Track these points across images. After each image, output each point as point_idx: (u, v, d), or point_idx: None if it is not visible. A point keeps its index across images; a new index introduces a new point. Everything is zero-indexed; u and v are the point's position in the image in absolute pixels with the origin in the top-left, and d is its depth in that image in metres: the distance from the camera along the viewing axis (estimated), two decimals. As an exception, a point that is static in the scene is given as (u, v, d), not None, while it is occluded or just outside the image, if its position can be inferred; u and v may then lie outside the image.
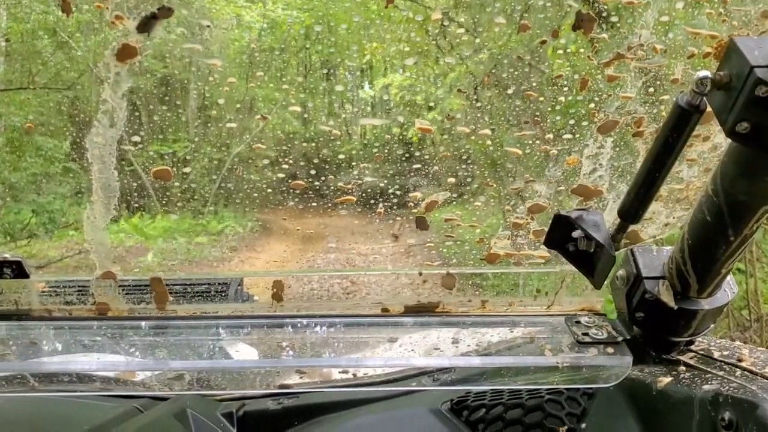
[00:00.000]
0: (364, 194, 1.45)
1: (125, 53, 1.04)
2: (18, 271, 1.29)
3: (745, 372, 1.01)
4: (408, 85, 5.63)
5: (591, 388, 1.16)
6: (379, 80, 6.17)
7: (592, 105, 1.21)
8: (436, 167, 1.57)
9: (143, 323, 1.30)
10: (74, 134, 5.56)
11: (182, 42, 1.22)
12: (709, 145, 1.11)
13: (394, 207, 1.55)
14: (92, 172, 1.17)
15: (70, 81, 5.57)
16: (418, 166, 1.62)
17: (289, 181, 1.36)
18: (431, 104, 5.17)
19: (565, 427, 1.15)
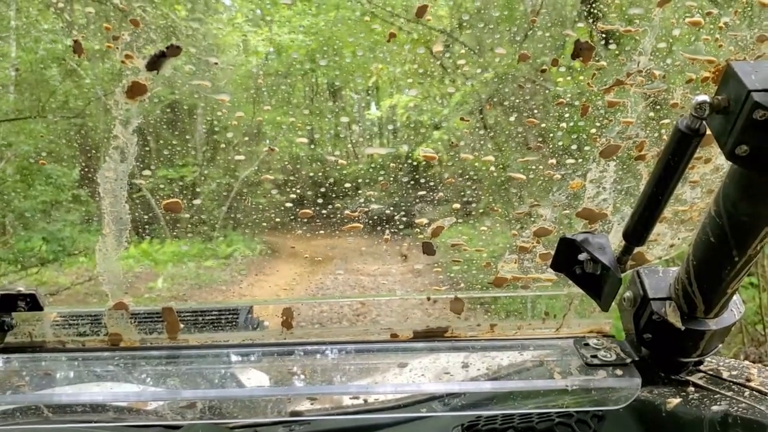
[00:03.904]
0: (370, 221, 1.46)
1: (135, 91, 1.07)
2: (32, 303, 1.31)
3: (754, 392, 1.01)
4: (414, 106, 5.67)
5: (601, 411, 1.16)
6: (386, 101, 6.22)
7: (594, 130, 1.22)
8: (441, 193, 1.58)
9: (155, 353, 1.31)
10: (83, 162, 5.62)
11: (190, 78, 1.24)
12: (711, 167, 1.12)
13: (402, 228, 1.56)
14: (104, 206, 1.19)
15: (79, 109, 5.63)
16: (423, 192, 1.63)
17: (297, 210, 1.37)
18: (437, 125, 5.19)
19: None
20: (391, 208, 1.54)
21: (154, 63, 1.05)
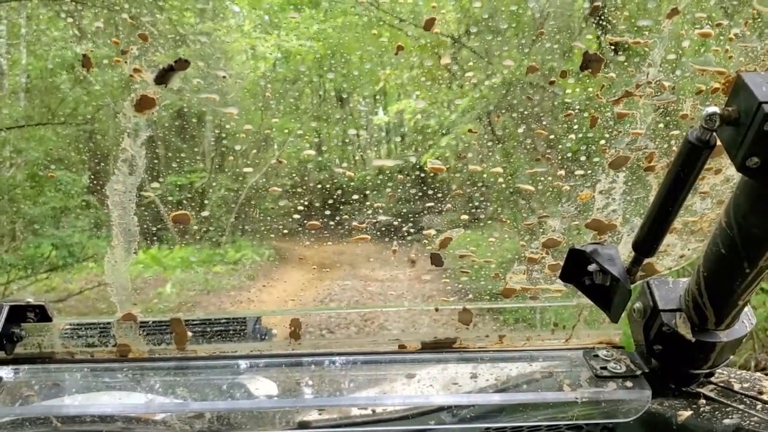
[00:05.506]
0: (378, 232, 1.46)
1: (144, 104, 1.07)
2: (41, 315, 1.31)
3: (766, 405, 1.00)
4: (422, 110, 5.67)
5: (611, 423, 1.15)
6: (393, 106, 6.23)
7: (603, 141, 1.21)
8: (449, 204, 1.58)
9: (164, 364, 1.31)
10: (92, 168, 5.64)
11: (198, 92, 1.24)
12: (722, 178, 1.11)
13: (409, 239, 1.56)
14: (112, 218, 1.20)
15: (89, 115, 5.66)
16: (431, 204, 1.63)
17: (305, 222, 1.37)
18: (446, 130, 5.19)
19: None
20: (399, 220, 1.53)
21: (163, 77, 1.05)
